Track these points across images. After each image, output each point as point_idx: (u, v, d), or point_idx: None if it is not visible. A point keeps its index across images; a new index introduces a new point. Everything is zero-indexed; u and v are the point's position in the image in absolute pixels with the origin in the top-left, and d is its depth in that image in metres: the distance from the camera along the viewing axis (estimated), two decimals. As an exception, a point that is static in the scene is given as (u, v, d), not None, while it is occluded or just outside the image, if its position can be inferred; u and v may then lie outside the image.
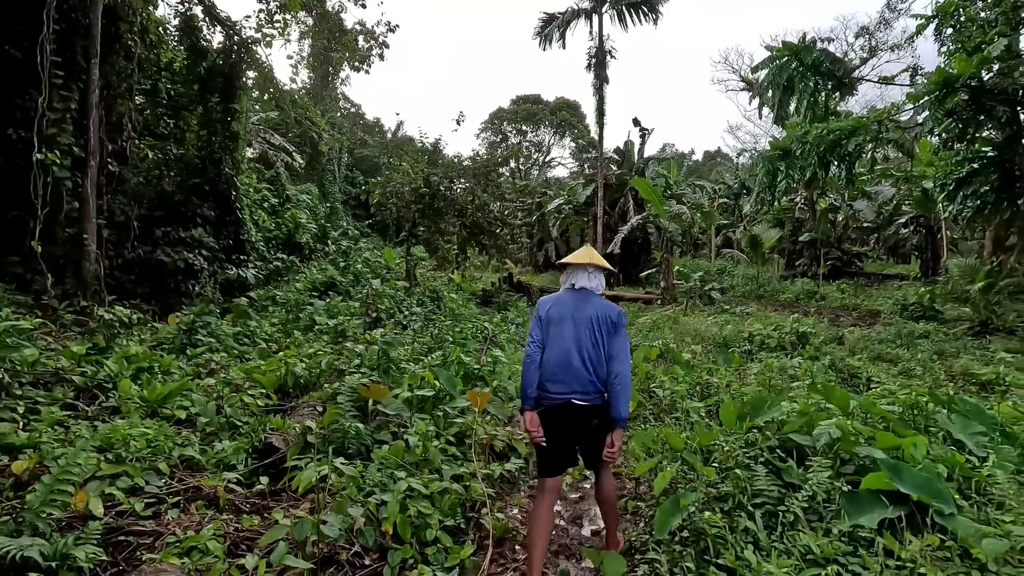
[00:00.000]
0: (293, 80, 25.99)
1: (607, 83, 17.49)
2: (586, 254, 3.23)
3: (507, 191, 17.27)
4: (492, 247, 17.33)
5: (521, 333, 9.56)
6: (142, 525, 2.94)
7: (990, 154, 14.13)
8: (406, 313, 8.68)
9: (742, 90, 43.07)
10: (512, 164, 44.57)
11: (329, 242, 19.97)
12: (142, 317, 6.65)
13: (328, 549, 2.79)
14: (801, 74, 13.80)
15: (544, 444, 2.91)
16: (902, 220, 21.73)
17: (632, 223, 18.20)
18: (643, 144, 24.54)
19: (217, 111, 11.59)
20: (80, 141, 7.24)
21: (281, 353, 5.55)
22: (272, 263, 13.30)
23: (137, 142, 9.44)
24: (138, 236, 9.13)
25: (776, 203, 15.19)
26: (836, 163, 13.30)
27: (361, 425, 3.64)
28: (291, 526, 2.60)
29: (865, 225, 24.26)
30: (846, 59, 13.72)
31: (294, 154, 22.16)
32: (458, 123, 15.18)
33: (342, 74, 29.71)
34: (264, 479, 3.41)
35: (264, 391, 4.69)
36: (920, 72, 16.33)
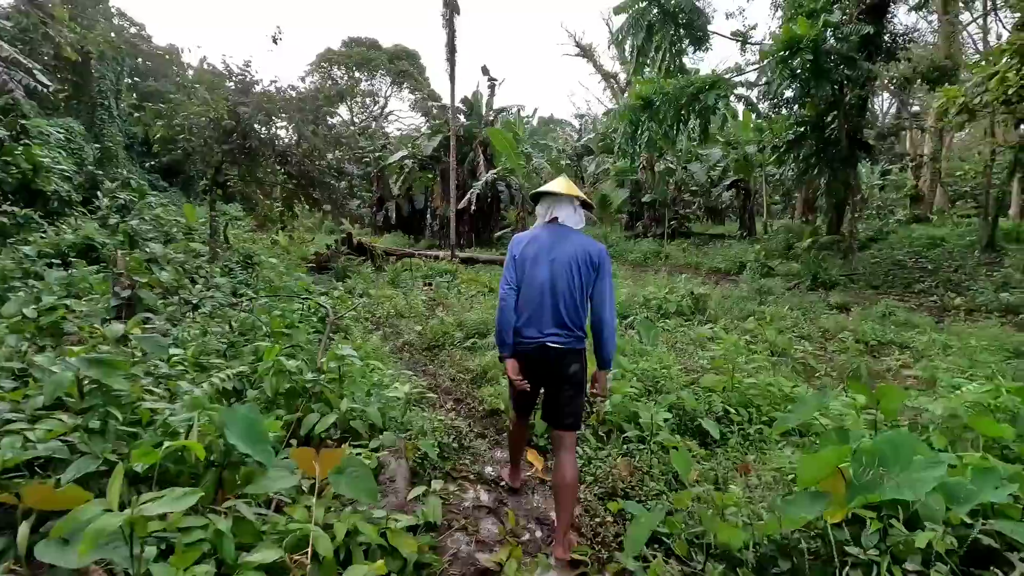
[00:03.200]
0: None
1: (458, 13, 15.34)
2: (567, 183, 2.91)
3: (344, 134, 14.42)
4: (326, 202, 14.47)
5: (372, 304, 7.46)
6: None
7: (814, 120, 15.12)
8: (200, 288, 6.01)
9: (577, 55, 44.05)
10: (347, 105, 40.10)
11: (100, 194, 15.20)
12: None
13: None
14: (661, 22, 13.22)
15: (528, 388, 2.75)
16: (727, 183, 23.30)
17: (486, 178, 16.62)
18: (492, 96, 22.90)
19: None
20: None
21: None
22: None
23: None
24: None
25: (638, 156, 14.71)
26: (694, 117, 13.10)
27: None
28: None
29: (693, 188, 25.79)
30: (706, 11, 13.34)
31: (38, 74, 16.36)
32: (275, 41, 11.93)
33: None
34: None
35: None
36: (749, 39, 16.94)
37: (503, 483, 3.20)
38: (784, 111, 15.76)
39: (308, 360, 3.54)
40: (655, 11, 13.03)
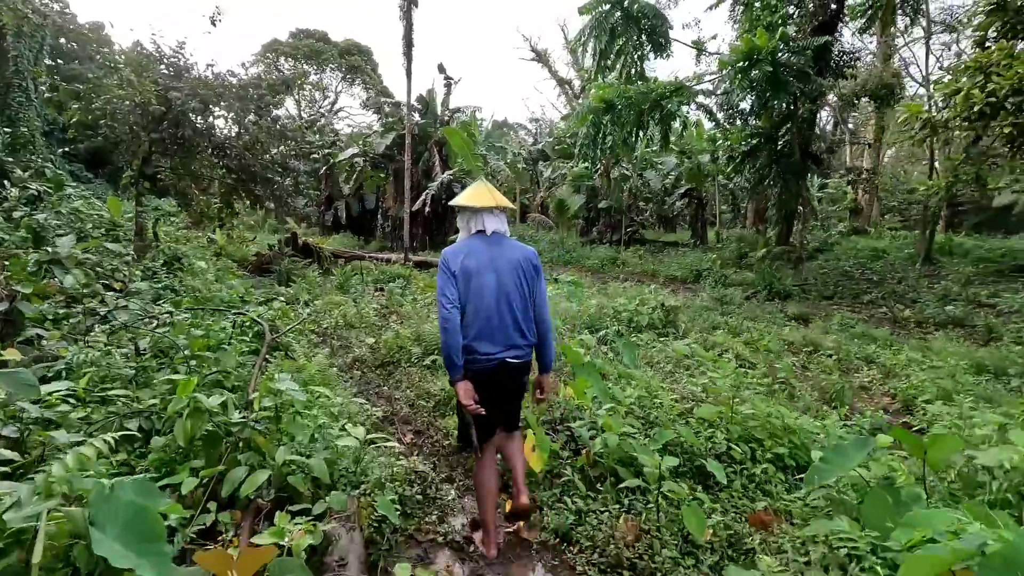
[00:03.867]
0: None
1: (416, 6, 14.67)
2: (489, 194, 2.78)
3: (289, 128, 13.47)
4: (269, 199, 13.47)
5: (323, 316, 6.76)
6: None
7: (768, 132, 15.37)
8: (113, 296, 5.15)
9: (532, 59, 44.04)
10: (294, 98, 38.40)
11: (7, 184, 13.60)
12: None
13: None
14: (624, 24, 13.02)
15: (483, 413, 2.57)
16: (681, 191, 23.56)
17: (442, 179, 15.99)
18: (448, 95, 22.27)
19: None
20: None
21: None
22: None
23: None
24: None
25: (599, 160, 14.48)
26: (655, 123, 12.97)
27: None
28: None
29: (647, 196, 25.99)
30: (666, 13, 13.25)
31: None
32: (213, 23, 10.93)
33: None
34: None
35: None
36: (705, 49, 17.11)
37: (475, 550, 2.67)
38: (739, 122, 15.99)
39: (237, 394, 2.89)
40: (618, 14, 12.83)
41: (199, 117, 11.09)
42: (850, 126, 29.40)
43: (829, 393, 4.76)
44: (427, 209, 16.38)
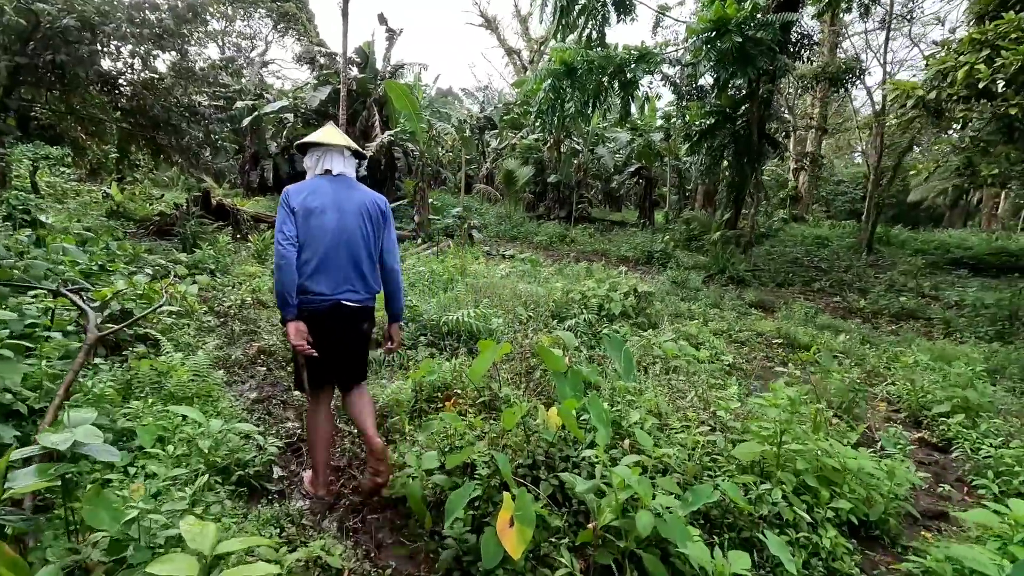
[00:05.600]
0: None
1: (354, -64, 12.87)
2: (337, 133, 2.74)
3: (202, 67, 11.49)
4: (175, 151, 11.53)
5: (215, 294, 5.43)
6: None
7: (727, 110, 14.84)
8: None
9: (480, 25, 42.08)
10: (217, 44, 34.74)
11: None
12: None
13: None
14: (588, -19, 11.91)
15: (315, 355, 2.49)
16: (632, 169, 22.98)
17: (382, 140, 14.45)
18: (390, 48, 20.39)
19: None
20: None
21: None
22: None
23: None
24: None
25: (557, 127, 13.43)
26: (615, 92, 12.03)
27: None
28: None
29: (596, 172, 25.27)
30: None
31: None
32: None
33: None
34: None
35: None
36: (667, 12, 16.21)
37: (309, 495, 2.66)
38: (700, 99, 15.37)
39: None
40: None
41: (81, 43, 9.07)
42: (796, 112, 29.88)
43: (837, 404, 4.04)
44: (364, 171, 14.79)
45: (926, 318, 9.65)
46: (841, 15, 21.10)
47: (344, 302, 2.52)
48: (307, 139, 2.69)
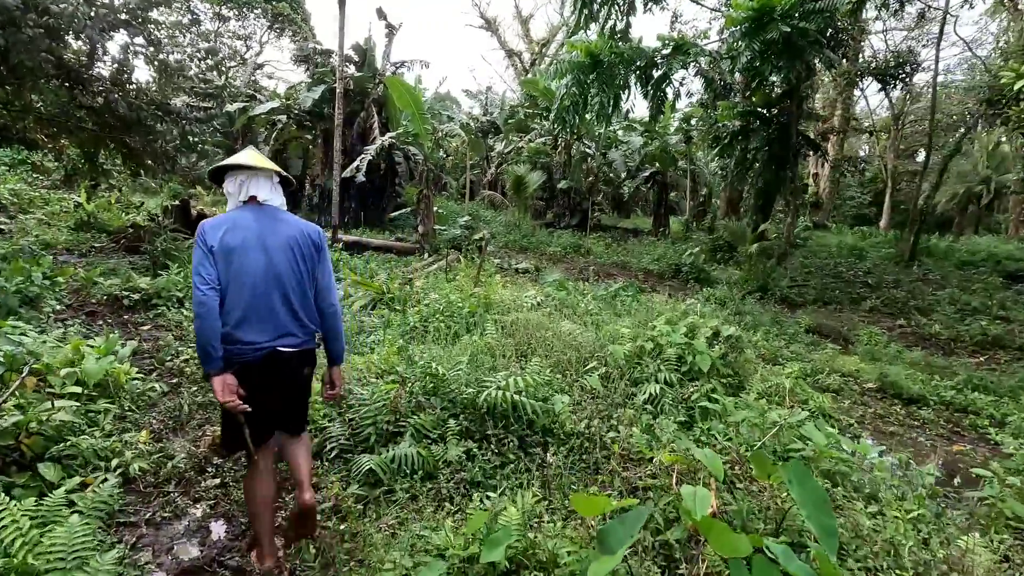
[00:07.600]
0: None
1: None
2: (257, 156, 2.42)
3: (178, 59, 10.12)
4: (146, 154, 10.16)
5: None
6: None
7: (764, 113, 13.52)
8: None
9: (481, 27, 40.90)
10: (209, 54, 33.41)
11: None
12: None
13: None
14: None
15: (249, 410, 2.17)
16: (646, 174, 21.67)
17: (382, 143, 13.09)
18: (389, 45, 19.06)
19: None
20: None
21: None
22: None
23: None
24: None
25: (579, 127, 12.09)
26: (649, 86, 10.70)
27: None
28: None
29: (609, 177, 23.96)
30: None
31: None
32: None
33: None
34: None
35: None
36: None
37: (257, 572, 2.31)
38: (726, 98, 14.06)
39: None
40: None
41: (33, 30, 7.68)
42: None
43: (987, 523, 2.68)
44: (362, 177, 13.43)
45: (1016, 347, 8.31)
46: (864, 12, 19.88)
47: (280, 348, 2.24)
48: (227, 161, 2.36)
